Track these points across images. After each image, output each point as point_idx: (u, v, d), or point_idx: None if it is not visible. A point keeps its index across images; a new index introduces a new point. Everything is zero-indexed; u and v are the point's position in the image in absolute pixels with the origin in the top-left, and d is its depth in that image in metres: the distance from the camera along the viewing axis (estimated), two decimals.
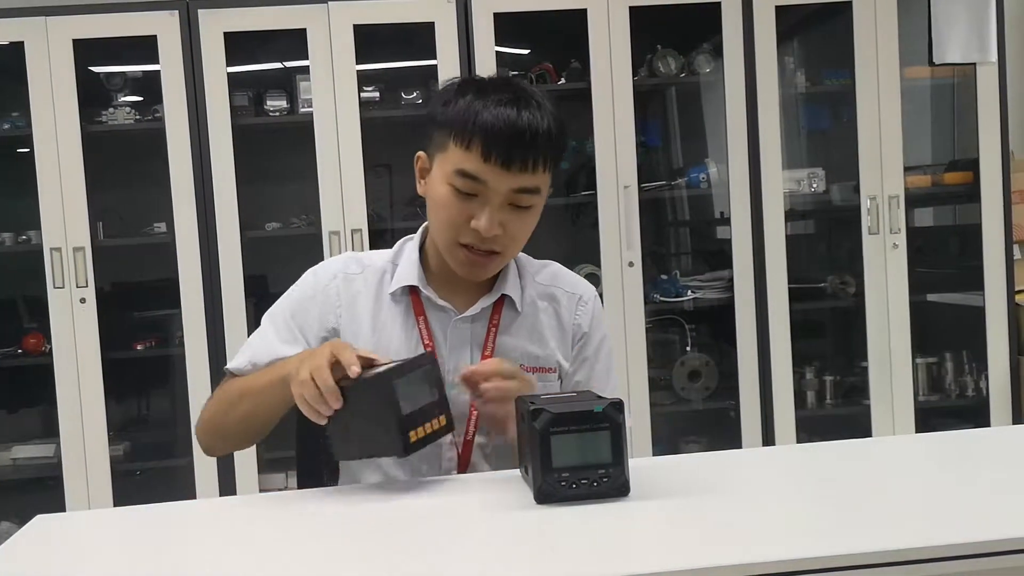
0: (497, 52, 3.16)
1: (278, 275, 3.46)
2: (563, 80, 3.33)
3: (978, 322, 3.34)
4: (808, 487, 1.24)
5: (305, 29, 3.13)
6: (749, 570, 0.92)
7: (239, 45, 3.16)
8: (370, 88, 3.28)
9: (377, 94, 3.30)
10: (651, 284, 3.35)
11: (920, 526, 1.03)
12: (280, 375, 1.38)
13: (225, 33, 3.10)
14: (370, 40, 3.20)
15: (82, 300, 3.11)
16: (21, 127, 3.17)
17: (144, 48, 3.12)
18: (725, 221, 3.35)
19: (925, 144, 3.68)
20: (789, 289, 3.27)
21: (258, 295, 3.27)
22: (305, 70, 3.18)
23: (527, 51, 3.58)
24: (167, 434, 3.44)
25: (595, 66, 3.19)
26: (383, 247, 1.65)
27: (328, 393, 1.26)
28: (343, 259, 1.61)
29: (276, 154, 3.47)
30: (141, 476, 3.39)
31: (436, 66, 3.15)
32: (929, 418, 3.41)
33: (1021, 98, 3.68)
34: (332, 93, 3.14)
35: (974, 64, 3.30)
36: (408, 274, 1.55)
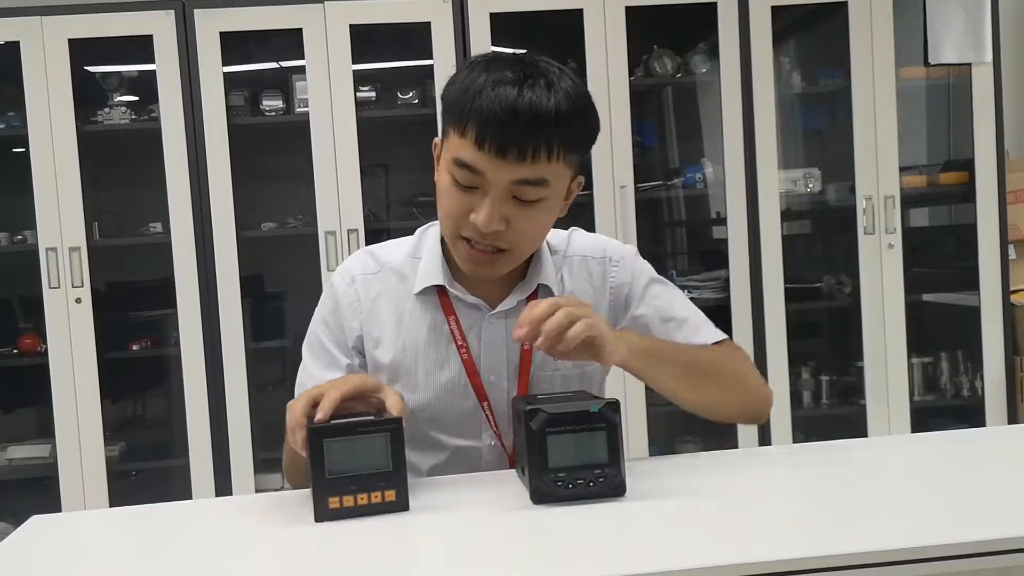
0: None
1: (274, 275, 3.48)
2: None
3: (973, 322, 3.35)
4: (804, 487, 1.24)
5: (301, 29, 3.13)
6: (745, 570, 0.92)
7: (235, 45, 3.16)
8: (366, 88, 3.27)
9: (373, 94, 3.29)
10: None
11: (915, 526, 1.03)
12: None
13: (221, 33, 3.10)
14: (366, 40, 3.20)
15: (78, 300, 3.11)
16: (17, 127, 3.17)
17: (140, 48, 3.12)
18: (721, 221, 3.35)
19: (920, 144, 3.68)
20: (785, 289, 3.28)
21: (254, 295, 3.27)
22: (301, 70, 3.18)
23: (523, 51, 3.57)
24: (163, 434, 3.44)
25: (591, 66, 3.19)
26: None
27: (296, 428, 1.19)
28: (359, 258, 1.50)
29: (272, 154, 3.47)
30: (137, 477, 3.39)
31: (432, 66, 3.15)
32: (925, 418, 3.41)
33: (1016, 98, 3.69)
34: (328, 93, 3.14)
35: (969, 64, 3.30)
36: (432, 272, 1.43)
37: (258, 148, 3.41)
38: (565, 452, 1.15)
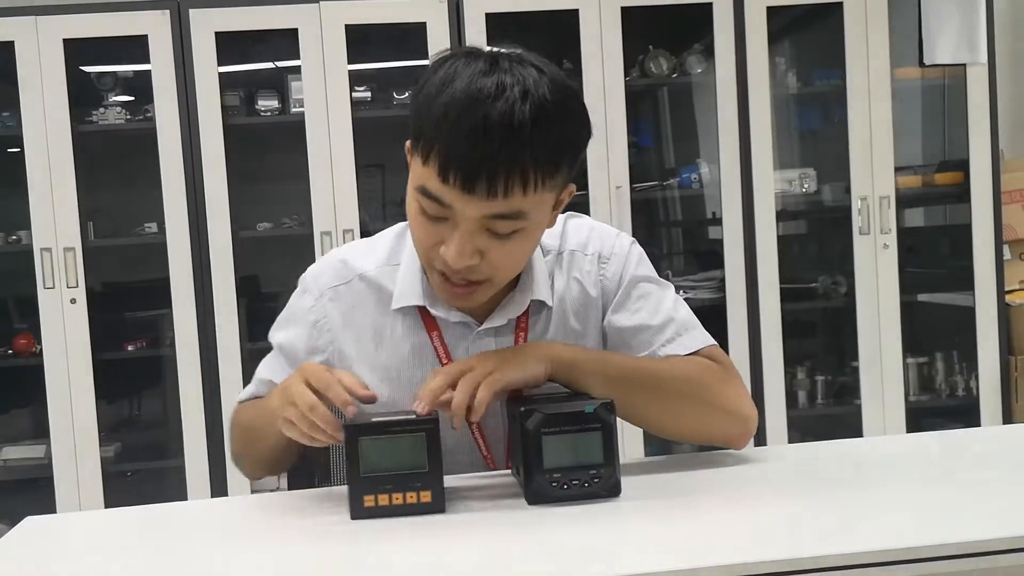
0: None
1: (270, 275, 3.47)
2: None
3: (968, 322, 3.36)
4: (799, 487, 1.24)
5: (296, 29, 3.13)
6: (741, 570, 0.92)
7: (230, 45, 3.16)
8: (362, 88, 3.27)
9: (369, 94, 3.29)
10: None
11: (910, 526, 1.03)
12: (270, 412, 1.23)
13: (216, 33, 3.10)
14: (362, 40, 3.20)
15: (72, 300, 3.10)
16: (11, 127, 3.17)
17: (135, 48, 3.12)
18: (717, 221, 3.35)
19: (915, 145, 3.69)
20: (780, 289, 3.28)
21: (249, 295, 3.27)
22: (297, 70, 3.18)
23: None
24: (158, 435, 3.44)
25: (587, 66, 3.19)
26: None
27: (330, 427, 1.14)
28: (332, 266, 1.37)
29: (267, 154, 3.47)
30: (132, 477, 3.39)
31: (428, 66, 3.15)
32: (920, 418, 3.42)
33: (1011, 99, 3.69)
34: (324, 93, 3.14)
35: (964, 65, 3.31)
36: (412, 290, 1.31)
37: (254, 148, 3.41)
38: (560, 453, 1.15)
